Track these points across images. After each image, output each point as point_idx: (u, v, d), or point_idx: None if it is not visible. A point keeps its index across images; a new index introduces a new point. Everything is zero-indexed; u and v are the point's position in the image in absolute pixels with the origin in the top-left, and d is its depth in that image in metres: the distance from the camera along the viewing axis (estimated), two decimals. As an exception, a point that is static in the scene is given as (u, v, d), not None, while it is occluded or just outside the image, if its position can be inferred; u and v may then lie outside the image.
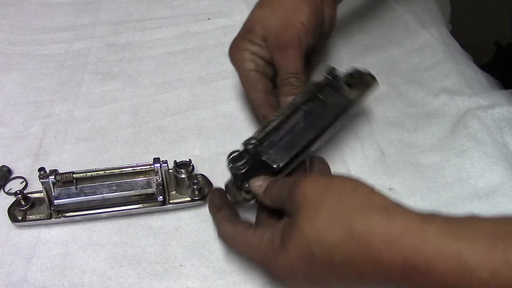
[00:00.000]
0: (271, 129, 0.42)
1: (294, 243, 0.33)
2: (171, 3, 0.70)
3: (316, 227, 0.32)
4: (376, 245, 0.30)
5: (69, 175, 0.43)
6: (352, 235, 0.30)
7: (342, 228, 0.31)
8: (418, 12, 0.67)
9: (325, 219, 0.32)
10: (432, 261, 0.28)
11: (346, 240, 0.31)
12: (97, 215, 0.44)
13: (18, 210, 0.44)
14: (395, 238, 0.29)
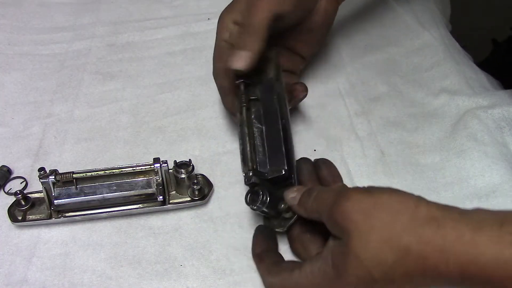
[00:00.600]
0: (251, 153, 0.42)
1: (351, 270, 0.32)
2: (171, 3, 0.70)
3: (371, 250, 0.32)
4: (433, 261, 0.30)
5: (69, 175, 0.43)
6: (408, 253, 0.31)
7: (397, 248, 0.31)
8: (418, 12, 0.67)
9: (379, 241, 0.31)
10: (490, 269, 0.29)
11: (404, 258, 0.31)
12: (97, 215, 0.44)
13: (18, 210, 0.44)
14: (450, 253, 0.30)
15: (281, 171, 0.42)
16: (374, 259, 0.32)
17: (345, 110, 0.55)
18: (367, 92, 0.57)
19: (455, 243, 0.30)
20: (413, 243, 0.31)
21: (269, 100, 0.46)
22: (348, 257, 0.32)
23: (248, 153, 0.42)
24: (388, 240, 0.31)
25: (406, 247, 0.31)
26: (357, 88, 0.57)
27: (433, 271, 0.30)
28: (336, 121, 0.53)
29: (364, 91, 0.57)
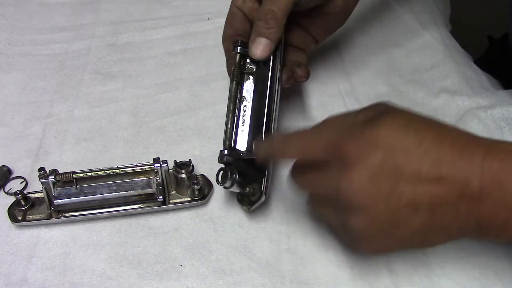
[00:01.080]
0: (230, 131, 0.42)
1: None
2: (171, 3, 0.70)
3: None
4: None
5: (69, 175, 0.43)
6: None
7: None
8: (418, 12, 0.67)
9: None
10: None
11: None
12: (97, 215, 0.44)
13: (18, 210, 0.44)
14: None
15: (255, 156, 0.42)
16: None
17: (345, 110, 0.54)
18: (367, 92, 0.57)
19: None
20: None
21: (262, 77, 0.45)
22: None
23: (228, 130, 0.42)
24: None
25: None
26: (357, 88, 0.57)
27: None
28: (336, 121, 0.53)
29: (364, 91, 0.57)
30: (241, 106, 0.44)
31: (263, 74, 0.45)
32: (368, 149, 0.33)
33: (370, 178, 0.32)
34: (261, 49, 0.44)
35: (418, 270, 0.41)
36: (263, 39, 0.44)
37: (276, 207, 0.46)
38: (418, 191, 0.32)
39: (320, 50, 0.61)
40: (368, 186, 0.32)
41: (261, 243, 0.43)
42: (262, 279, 0.41)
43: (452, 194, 0.31)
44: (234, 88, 0.44)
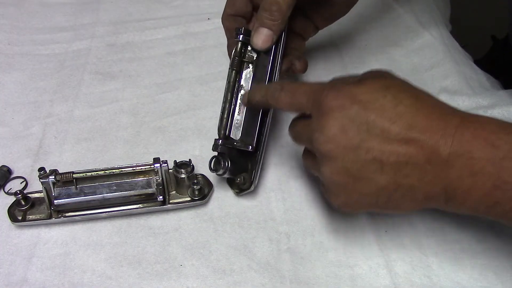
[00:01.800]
0: (226, 120, 0.44)
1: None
2: (171, 3, 0.70)
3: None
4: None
5: (69, 175, 0.43)
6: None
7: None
8: (418, 12, 0.67)
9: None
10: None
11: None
12: (97, 215, 0.44)
13: (18, 210, 0.44)
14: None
15: (248, 147, 0.44)
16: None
17: (345, 110, 0.55)
18: (367, 92, 0.57)
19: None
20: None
21: (262, 66, 0.46)
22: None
23: (224, 119, 0.44)
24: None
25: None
26: (357, 88, 0.57)
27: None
28: (336, 121, 0.53)
29: (364, 91, 0.57)
30: (238, 95, 0.45)
31: (263, 63, 0.46)
32: (344, 102, 0.34)
33: (341, 128, 0.34)
34: (263, 40, 0.44)
35: (418, 270, 0.41)
36: (266, 30, 0.44)
37: (276, 207, 0.46)
38: (386, 149, 0.33)
39: (320, 50, 0.61)
40: (338, 136, 0.34)
41: (261, 243, 0.43)
42: (262, 279, 0.41)
43: (420, 156, 0.32)
44: (233, 77, 0.45)
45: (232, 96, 0.45)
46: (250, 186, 0.45)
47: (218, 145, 0.43)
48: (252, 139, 0.45)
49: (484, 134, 0.32)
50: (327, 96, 0.35)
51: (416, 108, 0.33)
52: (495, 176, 0.31)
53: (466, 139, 0.32)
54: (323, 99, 0.35)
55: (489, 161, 0.31)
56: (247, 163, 0.45)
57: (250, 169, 0.45)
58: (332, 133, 0.34)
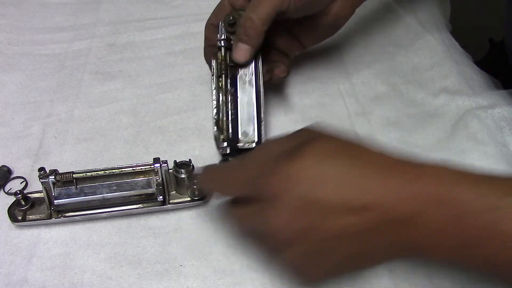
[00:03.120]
0: (226, 122, 0.45)
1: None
2: (171, 3, 0.70)
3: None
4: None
5: (69, 175, 0.43)
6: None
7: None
8: (418, 12, 0.67)
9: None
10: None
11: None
12: (97, 215, 0.44)
13: (18, 210, 0.44)
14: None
15: (251, 144, 0.45)
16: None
17: (345, 110, 0.55)
18: (367, 92, 0.57)
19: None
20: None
21: (246, 68, 0.48)
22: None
23: (224, 122, 0.45)
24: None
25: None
26: (357, 88, 0.57)
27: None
28: (336, 120, 0.53)
29: (364, 91, 0.57)
30: (229, 98, 0.47)
31: (246, 67, 0.48)
32: (287, 185, 0.32)
33: (293, 213, 0.32)
34: (240, 54, 0.47)
35: (418, 270, 0.41)
36: (243, 45, 0.46)
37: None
38: (345, 222, 0.31)
39: (320, 50, 0.61)
40: (292, 223, 0.32)
41: (261, 243, 0.43)
42: (262, 279, 0.41)
43: (379, 221, 0.31)
44: (224, 81, 0.46)
45: (226, 98, 0.46)
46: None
47: (226, 148, 0.44)
48: (252, 134, 0.45)
49: (437, 188, 0.30)
50: (268, 184, 0.33)
51: (365, 174, 0.31)
52: (455, 235, 0.29)
53: (419, 197, 0.30)
54: (266, 187, 0.33)
55: (448, 219, 0.29)
56: None
57: None
58: (283, 220, 0.32)
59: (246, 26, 0.45)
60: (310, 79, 0.58)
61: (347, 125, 0.53)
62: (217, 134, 0.45)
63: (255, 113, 0.46)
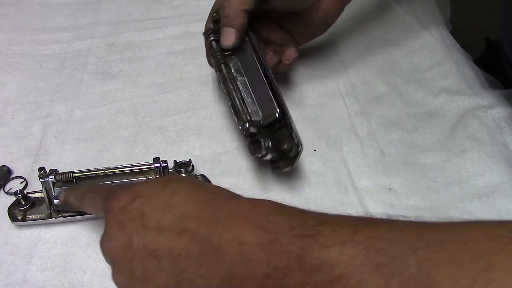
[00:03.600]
0: (241, 106, 0.45)
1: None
2: (171, 3, 0.70)
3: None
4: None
5: (69, 175, 0.43)
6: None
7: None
8: (418, 12, 0.67)
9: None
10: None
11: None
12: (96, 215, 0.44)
13: (18, 210, 0.44)
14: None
15: (274, 115, 0.44)
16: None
17: (345, 110, 0.55)
18: (367, 92, 0.57)
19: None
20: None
21: (244, 51, 0.47)
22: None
23: (239, 107, 0.44)
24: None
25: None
26: (357, 88, 0.57)
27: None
28: (336, 121, 0.53)
29: (364, 91, 0.57)
30: (238, 84, 0.46)
31: (243, 50, 0.47)
32: (126, 199, 0.33)
33: (119, 225, 0.32)
34: (225, 38, 0.47)
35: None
36: (226, 28, 0.46)
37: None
38: (160, 242, 0.31)
39: (320, 50, 0.61)
40: (117, 234, 0.32)
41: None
42: (262, 279, 0.41)
43: (193, 247, 0.30)
44: (226, 70, 0.46)
45: (234, 85, 0.46)
46: (298, 147, 0.43)
47: (248, 128, 0.43)
48: (272, 107, 0.44)
49: (256, 217, 0.29)
50: (112, 196, 0.34)
51: (191, 198, 0.32)
52: (265, 263, 0.28)
53: (236, 224, 0.29)
54: (109, 200, 0.34)
55: (259, 246, 0.28)
56: (282, 134, 0.44)
57: (288, 135, 0.44)
58: (111, 234, 0.32)
59: (224, 7, 0.46)
60: (310, 79, 0.58)
61: (347, 125, 0.53)
62: (239, 122, 0.44)
63: (268, 89, 0.45)
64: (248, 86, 0.46)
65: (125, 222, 0.32)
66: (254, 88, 0.46)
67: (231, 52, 0.48)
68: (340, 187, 0.47)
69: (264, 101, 0.45)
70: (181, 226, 0.31)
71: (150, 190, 0.33)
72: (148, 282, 0.31)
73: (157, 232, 0.31)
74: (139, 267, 0.31)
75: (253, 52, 0.47)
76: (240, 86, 0.46)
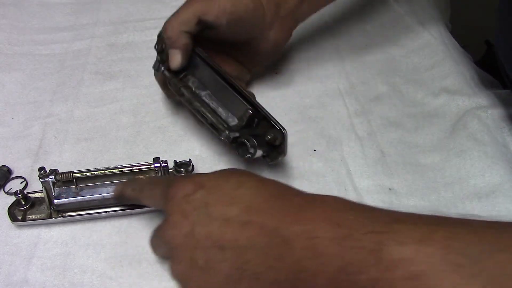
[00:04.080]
0: (216, 119, 0.45)
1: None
2: (171, 3, 0.70)
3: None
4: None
5: (69, 175, 0.43)
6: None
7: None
8: (418, 12, 0.67)
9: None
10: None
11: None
12: (97, 215, 0.44)
13: (18, 210, 0.44)
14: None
15: (248, 113, 0.44)
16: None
17: (345, 110, 0.55)
18: (367, 92, 0.57)
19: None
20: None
21: (197, 67, 0.48)
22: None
23: (213, 120, 0.44)
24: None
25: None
26: (357, 88, 0.57)
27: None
28: (336, 121, 0.53)
29: (364, 91, 0.57)
30: (202, 98, 0.47)
31: (195, 66, 0.48)
32: (188, 188, 0.34)
33: (182, 214, 0.33)
34: (171, 60, 0.47)
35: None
36: (171, 50, 0.46)
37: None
38: (226, 232, 0.31)
39: (320, 50, 0.61)
40: (180, 223, 0.33)
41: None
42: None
43: (260, 239, 0.30)
44: (188, 92, 0.46)
45: (200, 102, 0.46)
46: (282, 134, 0.43)
47: (229, 135, 0.43)
48: (243, 105, 0.45)
49: (326, 212, 0.30)
50: (173, 186, 0.35)
51: (257, 191, 0.33)
52: (338, 258, 0.28)
53: (307, 218, 0.30)
54: (170, 189, 0.35)
55: (332, 241, 0.28)
56: (263, 127, 0.45)
57: (269, 125, 0.44)
58: (174, 222, 0.34)
59: (166, 29, 0.46)
60: (310, 79, 0.58)
61: (347, 125, 0.53)
62: (219, 134, 0.45)
63: (232, 91, 0.45)
64: (213, 97, 0.47)
65: (188, 210, 0.33)
66: (219, 96, 0.46)
67: (184, 73, 0.48)
68: (340, 187, 0.47)
69: (233, 104, 0.46)
70: (247, 218, 0.31)
71: (214, 181, 0.34)
72: (209, 271, 0.32)
73: (222, 223, 0.32)
74: (201, 256, 0.32)
75: (205, 64, 0.47)
76: (207, 99, 0.47)
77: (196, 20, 0.46)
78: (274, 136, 0.43)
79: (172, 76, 0.47)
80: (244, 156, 0.43)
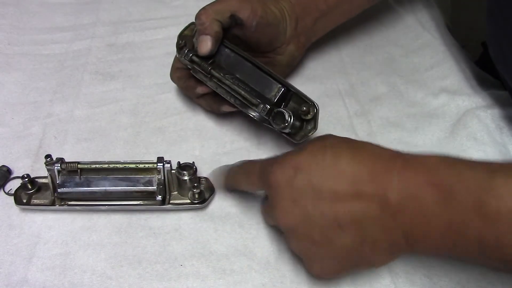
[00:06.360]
0: (249, 94, 0.46)
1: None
2: (171, 3, 0.70)
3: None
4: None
5: (74, 165, 0.44)
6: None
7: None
8: (418, 12, 0.67)
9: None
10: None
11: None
12: (98, 207, 0.45)
13: (24, 193, 0.45)
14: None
15: (280, 90, 0.46)
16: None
17: (345, 110, 0.55)
18: (367, 92, 0.57)
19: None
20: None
21: (223, 55, 0.49)
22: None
23: (247, 96, 0.46)
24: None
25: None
26: (357, 88, 0.57)
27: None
28: (336, 121, 0.53)
29: (364, 91, 0.57)
30: (230, 80, 0.47)
31: (222, 54, 0.49)
32: (288, 173, 0.35)
33: (291, 200, 0.34)
34: (201, 46, 0.47)
35: (418, 270, 0.41)
36: (202, 36, 0.47)
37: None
38: (339, 209, 0.33)
39: (320, 50, 0.61)
40: (291, 209, 0.34)
41: (261, 243, 0.43)
42: (262, 279, 0.41)
43: (373, 208, 0.32)
44: (217, 72, 0.47)
45: (232, 81, 0.47)
46: (315, 107, 0.44)
47: (266, 107, 0.45)
48: (273, 84, 0.46)
49: (427, 173, 0.31)
50: (272, 172, 0.36)
51: (357, 162, 0.33)
52: (444, 217, 0.30)
53: (409, 182, 0.31)
54: (270, 176, 0.36)
55: (435, 202, 0.30)
56: (294, 105, 0.46)
57: (301, 101, 0.46)
58: (285, 207, 0.35)
59: (200, 15, 0.47)
60: (309, 79, 0.58)
61: (347, 125, 0.53)
62: (254, 108, 0.45)
63: (262, 72, 0.47)
64: (243, 80, 0.48)
65: (297, 195, 0.34)
66: (248, 79, 0.47)
67: (212, 59, 0.49)
68: (340, 187, 0.47)
69: (264, 84, 0.47)
70: (356, 190, 0.32)
71: (310, 159, 0.34)
72: (331, 245, 0.34)
73: (332, 200, 0.33)
74: (321, 235, 0.34)
75: (232, 51, 0.48)
76: (236, 81, 0.48)
77: (230, 14, 0.47)
78: (308, 108, 0.44)
79: (200, 61, 0.48)
80: (281, 126, 0.44)
